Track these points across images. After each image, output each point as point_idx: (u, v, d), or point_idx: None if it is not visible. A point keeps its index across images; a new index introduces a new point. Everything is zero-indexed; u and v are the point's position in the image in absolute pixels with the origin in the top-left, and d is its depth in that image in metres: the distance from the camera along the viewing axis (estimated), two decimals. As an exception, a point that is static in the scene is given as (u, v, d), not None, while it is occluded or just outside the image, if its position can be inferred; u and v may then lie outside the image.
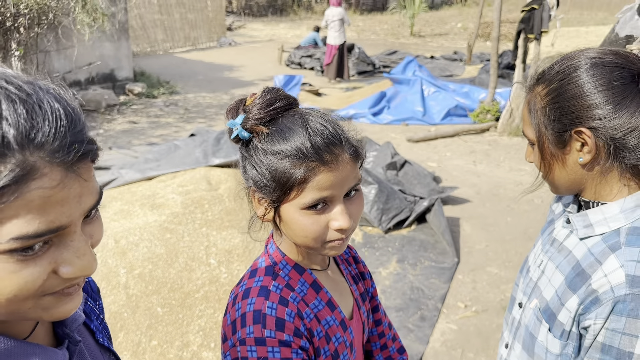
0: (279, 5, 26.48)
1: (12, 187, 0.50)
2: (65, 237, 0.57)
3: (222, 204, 4.02)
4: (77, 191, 0.56)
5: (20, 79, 0.55)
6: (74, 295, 0.62)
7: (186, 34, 15.85)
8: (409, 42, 17.76)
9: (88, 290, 0.88)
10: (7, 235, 0.51)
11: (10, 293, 0.54)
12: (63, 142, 0.53)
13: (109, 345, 0.85)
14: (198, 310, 3.00)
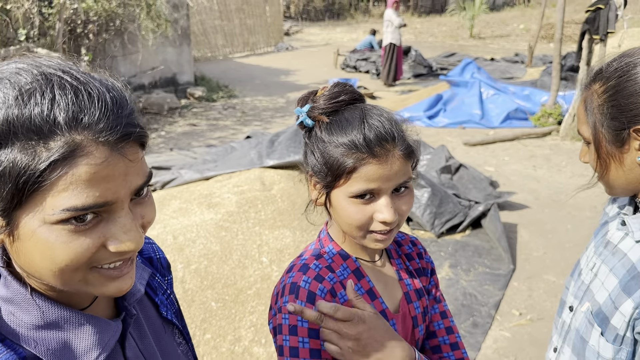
0: (336, 10, 26.61)
1: (61, 161, 0.56)
2: (113, 214, 0.62)
3: (275, 204, 4.09)
4: (123, 170, 0.60)
5: (76, 70, 0.62)
6: (124, 277, 0.66)
7: (245, 40, 16.20)
8: (468, 44, 17.42)
9: (157, 267, 0.93)
10: (59, 207, 0.57)
11: (62, 262, 0.59)
12: (107, 124, 0.59)
13: (172, 319, 0.89)
14: (250, 306, 3.06)
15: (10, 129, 0.55)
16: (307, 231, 3.85)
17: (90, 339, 0.68)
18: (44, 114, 0.56)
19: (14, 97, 0.56)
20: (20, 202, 0.57)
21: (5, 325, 0.65)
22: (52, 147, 0.56)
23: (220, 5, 15.16)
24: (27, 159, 0.55)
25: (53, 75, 0.59)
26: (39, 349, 0.65)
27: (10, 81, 0.58)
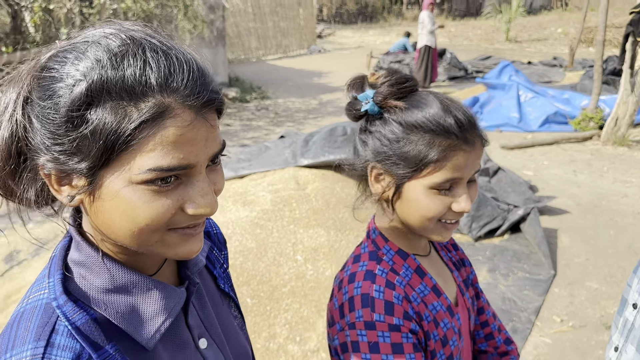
0: (369, 13, 26.56)
1: (150, 122, 0.57)
2: (192, 177, 0.62)
3: (309, 203, 4.07)
4: (204, 135, 0.61)
5: (161, 36, 0.63)
6: (195, 237, 0.66)
7: (278, 42, 16.30)
8: (504, 47, 17.13)
9: (215, 241, 0.94)
10: (145, 167, 0.58)
11: (143, 221, 0.60)
12: (194, 89, 0.60)
13: (229, 291, 0.91)
14: (285, 304, 3.04)
15: (103, 88, 0.56)
16: (341, 230, 3.81)
17: (157, 304, 0.69)
18: (136, 75, 0.57)
19: (108, 59, 0.57)
20: (107, 162, 0.58)
21: (77, 287, 0.66)
22: (142, 107, 0.57)
23: (254, 7, 15.29)
24: (118, 118, 0.56)
25: (142, 39, 0.60)
26: (108, 311, 0.66)
27: (102, 44, 0.59)
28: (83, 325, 0.63)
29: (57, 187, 0.63)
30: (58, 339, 0.61)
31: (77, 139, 0.57)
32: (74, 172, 0.60)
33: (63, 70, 0.58)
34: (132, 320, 0.67)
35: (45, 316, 0.63)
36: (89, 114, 0.57)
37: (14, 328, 0.63)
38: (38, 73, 0.60)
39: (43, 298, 0.65)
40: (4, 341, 0.63)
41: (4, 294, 3.43)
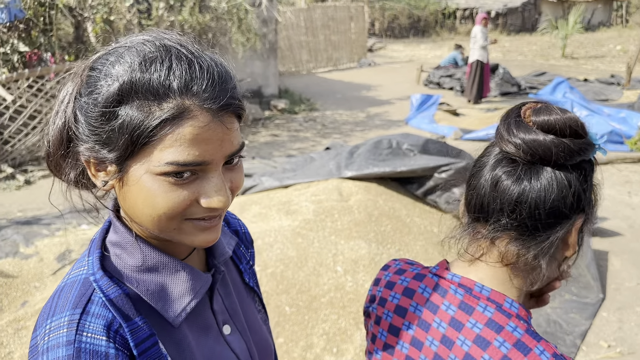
0: (421, 27, 26.43)
1: (170, 121, 0.64)
2: (207, 173, 0.69)
3: (352, 215, 4.07)
4: (220, 136, 0.67)
5: (192, 44, 0.71)
6: (210, 229, 0.73)
7: (329, 55, 16.44)
8: (559, 63, 16.68)
9: (242, 239, 1.01)
10: (164, 160, 0.65)
11: (161, 209, 0.68)
12: (212, 94, 0.67)
13: (254, 286, 0.97)
14: (323, 314, 3.05)
15: (132, 88, 0.64)
16: (382, 244, 3.80)
17: (184, 285, 0.76)
18: (161, 79, 0.64)
19: (139, 63, 0.65)
20: (132, 153, 0.66)
21: (113, 266, 0.75)
22: (164, 107, 0.64)
23: (307, 21, 15.50)
24: (143, 115, 0.64)
25: (172, 47, 0.67)
26: (140, 288, 0.74)
27: (137, 49, 0.67)
28: (116, 298, 0.70)
29: (94, 173, 0.72)
30: (93, 308, 0.69)
31: (109, 131, 0.66)
32: (106, 160, 0.68)
33: (104, 71, 0.67)
34: (160, 298, 0.74)
35: (83, 288, 0.71)
36: (119, 110, 0.65)
37: (55, 298, 0.72)
38: (87, 72, 0.70)
39: (82, 273, 0.73)
40: (46, 309, 0.71)
41: (56, 290, 3.59)
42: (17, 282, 3.67)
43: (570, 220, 0.84)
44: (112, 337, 0.68)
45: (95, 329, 0.67)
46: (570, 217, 0.84)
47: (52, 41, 7.03)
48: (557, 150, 0.80)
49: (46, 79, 6.63)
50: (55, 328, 0.67)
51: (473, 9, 26.01)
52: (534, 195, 0.81)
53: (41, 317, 0.71)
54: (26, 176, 6.18)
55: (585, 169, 0.84)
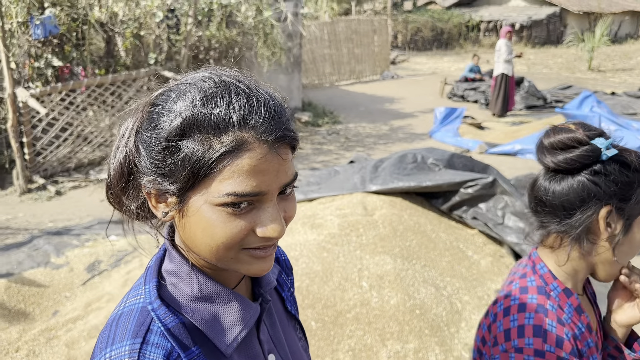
0: (444, 40, 26.39)
1: (229, 153, 0.67)
2: (263, 203, 0.71)
3: (377, 229, 4.07)
4: (276, 167, 0.70)
5: (249, 80, 0.74)
6: (265, 258, 0.74)
7: (352, 68, 16.51)
8: (585, 77, 16.46)
9: (283, 266, 1.02)
10: (223, 191, 0.67)
11: (220, 239, 0.69)
12: (269, 127, 0.69)
13: (295, 314, 0.98)
14: (349, 330, 3.05)
15: (194, 123, 0.67)
16: (407, 259, 3.78)
17: (235, 315, 0.77)
18: (221, 114, 0.67)
19: (200, 99, 0.68)
20: (193, 185, 0.69)
21: (169, 294, 0.76)
22: (223, 140, 0.67)
23: (330, 35, 15.62)
24: (204, 149, 0.67)
25: (231, 83, 0.71)
26: (195, 317, 0.75)
27: (197, 86, 0.70)
28: (173, 328, 0.72)
29: (155, 204, 0.75)
30: (152, 337, 0.71)
31: (171, 164, 0.69)
32: (167, 192, 0.71)
33: (166, 107, 0.70)
34: (214, 327, 0.76)
35: (141, 317, 0.72)
36: (182, 144, 0.68)
37: (112, 327, 0.73)
38: (149, 107, 0.73)
39: (140, 302, 0.75)
40: (104, 338, 0.73)
41: (85, 301, 3.65)
42: (49, 292, 3.75)
43: (589, 212, 1.06)
44: None
45: (155, 358, 0.69)
46: (588, 208, 1.06)
47: (84, 55, 7.22)
48: (559, 162, 1.08)
49: (78, 93, 6.80)
50: (115, 357, 0.69)
51: (497, 22, 25.88)
52: (555, 194, 1.10)
53: (99, 344, 0.72)
54: (57, 187, 6.32)
55: (601, 170, 1.06)
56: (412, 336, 3.08)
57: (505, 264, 4.17)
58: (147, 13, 7.44)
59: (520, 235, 4.17)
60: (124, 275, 3.93)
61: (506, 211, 4.30)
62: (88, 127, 7.09)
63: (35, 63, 6.76)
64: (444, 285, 3.67)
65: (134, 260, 4.21)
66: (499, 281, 3.94)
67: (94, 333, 3.23)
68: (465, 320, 3.40)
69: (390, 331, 3.09)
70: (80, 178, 6.72)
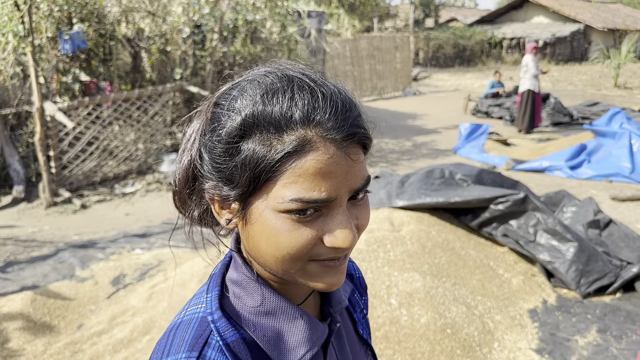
0: (466, 56, 26.31)
1: (293, 154, 0.61)
2: (332, 210, 0.64)
3: (404, 245, 3.99)
4: (345, 169, 0.63)
5: (315, 74, 0.68)
6: (336, 271, 0.67)
7: (373, 84, 16.52)
8: (612, 94, 16.20)
9: (357, 284, 0.94)
10: (287, 197, 0.61)
11: (285, 249, 0.63)
12: (335, 123, 0.63)
13: (367, 339, 0.89)
14: (378, 348, 2.96)
15: (254, 122, 0.62)
16: (437, 277, 3.68)
17: (301, 335, 0.71)
18: (283, 111, 0.62)
19: (260, 95, 0.63)
20: (255, 189, 0.63)
21: (231, 306, 0.71)
22: (285, 140, 0.61)
23: (352, 51, 15.68)
24: (265, 149, 0.61)
25: (294, 77, 0.65)
26: (256, 333, 0.69)
27: (259, 82, 0.65)
28: (233, 343, 0.67)
29: (219, 211, 0.69)
30: (209, 352, 0.65)
31: (232, 167, 0.64)
32: (229, 198, 0.66)
33: (227, 106, 0.66)
34: (277, 346, 0.70)
35: (200, 329, 0.67)
36: (242, 145, 0.62)
37: (170, 336, 0.69)
38: (212, 108, 0.68)
39: (200, 311, 0.70)
40: (160, 347, 0.68)
41: (109, 315, 3.63)
42: (74, 305, 3.73)
43: None
44: None
45: None
46: None
47: (111, 70, 7.32)
48: None
49: (104, 107, 6.88)
50: None
51: (520, 39, 25.75)
52: None
53: (155, 353, 0.68)
54: (82, 200, 6.37)
55: None
56: (444, 356, 2.97)
57: (537, 282, 4.04)
58: (173, 29, 7.54)
59: (552, 253, 4.04)
60: (148, 289, 3.90)
61: (538, 228, 4.18)
62: (114, 141, 7.16)
63: (63, 78, 6.86)
64: (475, 304, 3.55)
65: (158, 274, 4.18)
66: (531, 300, 3.81)
67: (118, 347, 3.19)
68: (497, 341, 3.28)
69: (420, 351, 2.99)
70: (105, 192, 6.76)
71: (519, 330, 3.44)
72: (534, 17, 27.77)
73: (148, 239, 5.06)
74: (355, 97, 0.69)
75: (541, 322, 3.57)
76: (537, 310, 3.72)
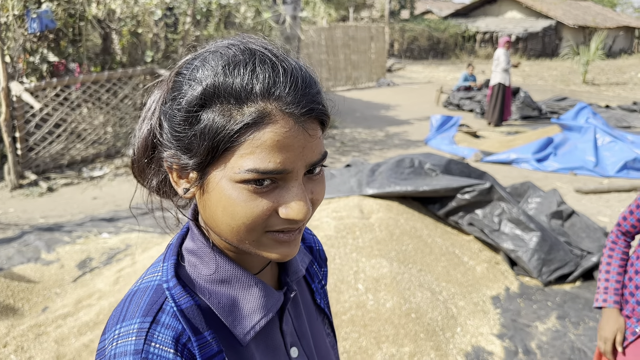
0: (440, 49, 26.53)
1: (252, 126, 0.62)
2: (287, 182, 0.66)
3: (373, 232, 4.04)
4: (302, 143, 0.65)
5: (279, 49, 0.69)
6: (289, 243, 0.69)
7: (348, 74, 16.54)
8: (580, 89, 16.59)
9: (317, 256, 0.96)
10: (244, 167, 0.62)
11: (240, 219, 0.65)
12: (295, 98, 0.64)
13: (325, 308, 0.92)
14: (344, 332, 3.01)
15: (215, 92, 0.63)
16: (404, 263, 3.75)
17: (256, 302, 0.73)
18: (243, 83, 0.63)
19: (222, 66, 0.64)
20: (213, 159, 0.64)
21: (187, 274, 0.72)
22: (245, 112, 0.62)
23: (327, 40, 15.64)
24: (224, 120, 0.62)
25: (257, 51, 0.66)
26: (211, 300, 0.71)
27: (222, 53, 0.66)
28: (187, 309, 0.68)
29: (177, 180, 0.71)
30: (163, 317, 0.67)
31: (191, 136, 0.64)
32: (187, 167, 0.67)
33: (188, 75, 0.66)
34: (231, 313, 0.71)
35: (155, 296, 0.69)
36: (202, 114, 0.63)
37: (126, 304, 0.70)
38: (174, 77, 0.69)
39: (156, 280, 0.71)
40: (116, 314, 0.69)
41: (75, 298, 3.59)
42: (39, 288, 3.68)
43: None
44: (179, 351, 0.66)
45: (163, 340, 0.65)
46: None
47: (81, 52, 7.15)
48: None
49: (72, 89, 6.74)
50: (124, 334, 0.65)
51: (493, 33, 26.07)
52: None
53: (111, 320, 0.69)
54: (49, 183, 6.24)
55: None
56: (408, 340, 3.04)
57: (500, 270, 4.15)
58: (145, 11, 7.40)
59: (516, 242, 4.15)
60: (115, 273, 3.87)
61: (502, 218, 4.28)
62: (82, 124, 7.02)
63: (30, 58, 6.69)
64: (439, 290, 3.63)
65: (126, 258, 4.15)
66: (494, 287, 3.92)
67: (84, 330, 3.16)
68: (460, 326, 3.36)
69: (385, 334, 3.05)
70: (73, 175, 6.64)
71: (482, 316, 3.54)
72: (507, 11, 28.14)
73: (115, 223, 5.00)
74: (315, 74, 0.71)
75: (503, 309, 3.67)
76: (500, 297, 3.82)
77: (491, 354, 3.16)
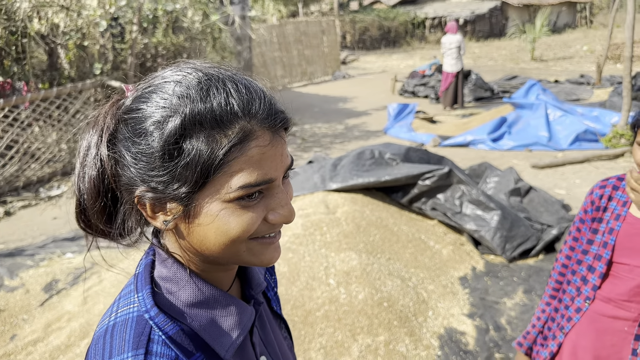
0: (391, 38, 26.77)
1: (237, 146, 0.64)
2: (272, 190, 0.70)
3: (340, 226, 4.09)
4: (280, 150, 0.69)
5: (230, 69, 0.71)
6: (275, 245, 0.73)
7: (303, 70, 16.53)
8: (529, 67, 17.04)
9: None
10: (235, 185, 0.65)
11: (235, 234, 0.67)
12: (269, 112, 0.68)
13: (280, 313, 0.96)
14: (319, 328, 3.04)
15: (195, 120, 0.63)
16: (372, 254, 3.81)
17: (233, 319, 0.75)
18: (222, 105, 0.64)
19: (196, 93, 0.64)
20: (202, 185, 0.65)
21: (165, 301, 0.72)
22: (229, 134, 0.64)
23: (279, 37, 15.59)
24: (210, 145, 0.63)
25: (218, 74, 0.67)
26: (194, 324, 0.72)
27: (183, 82, 0.66)
28: (174, 335, 0.69)
29: (152, 215, 0.70)
30: (155, 347, 0.67)
31: (176, 168, 0.64)
32: (172, 198, 0.66)
33: (151, 109, 0.65)
34: (212, 333, 0.73)
35: (138, 327, 0.68)
36: (184, 145, 0.63)
37: (107, 339, 0.68)
38: (123, 114, 0.68)
39: (134, 311, 0.70)
40: (98, 351, 0.67)
41: (44, 323, 3.51)
42: (4, 316, 3.58)
43: None
44: None
45: None
46: None
47: (26, 69, 6.95)
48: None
49: (21, 109, 6.54)
50: None
51: (441, 18, 26.46)
52: None
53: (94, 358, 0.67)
54: (6, 207, 6.06)
55: None
56: (382, 329, 3.10)
57: (466, 251, 4.26)
58: (89, 23, 7.23)
59: (478, 222, 4.27)
60: (83, 293, 3.80)
61: (463, 200, 4.40)
62: (35, 143, 6.83)
63: (-27, 79, 6.46)
64: (409, 277, 3.71)
65: (92, 277, 4.07)
66: (461, 268, 4.02)
67: (55, 354, 3.10)
68: (432, 309, 3.45)
69: (360, 326, 3.10)
70: (30, 196, 6.46)
71: (451, 298, 3.63)
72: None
73: (79, 242, 4.90)
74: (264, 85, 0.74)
75: (471, 288, 3.78)
76: (467, 277, 3.93)
77: (463, 334, 3.25)
